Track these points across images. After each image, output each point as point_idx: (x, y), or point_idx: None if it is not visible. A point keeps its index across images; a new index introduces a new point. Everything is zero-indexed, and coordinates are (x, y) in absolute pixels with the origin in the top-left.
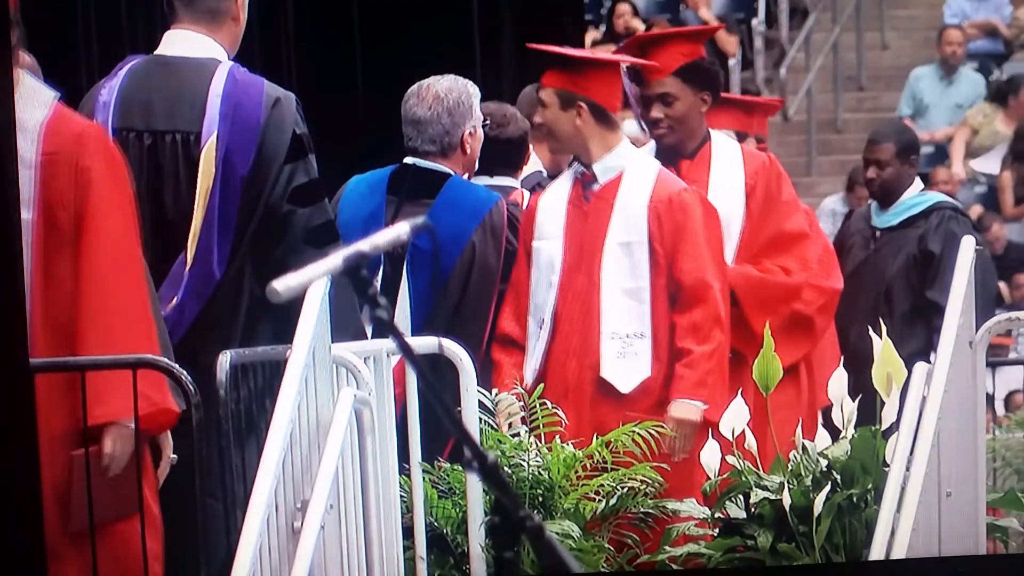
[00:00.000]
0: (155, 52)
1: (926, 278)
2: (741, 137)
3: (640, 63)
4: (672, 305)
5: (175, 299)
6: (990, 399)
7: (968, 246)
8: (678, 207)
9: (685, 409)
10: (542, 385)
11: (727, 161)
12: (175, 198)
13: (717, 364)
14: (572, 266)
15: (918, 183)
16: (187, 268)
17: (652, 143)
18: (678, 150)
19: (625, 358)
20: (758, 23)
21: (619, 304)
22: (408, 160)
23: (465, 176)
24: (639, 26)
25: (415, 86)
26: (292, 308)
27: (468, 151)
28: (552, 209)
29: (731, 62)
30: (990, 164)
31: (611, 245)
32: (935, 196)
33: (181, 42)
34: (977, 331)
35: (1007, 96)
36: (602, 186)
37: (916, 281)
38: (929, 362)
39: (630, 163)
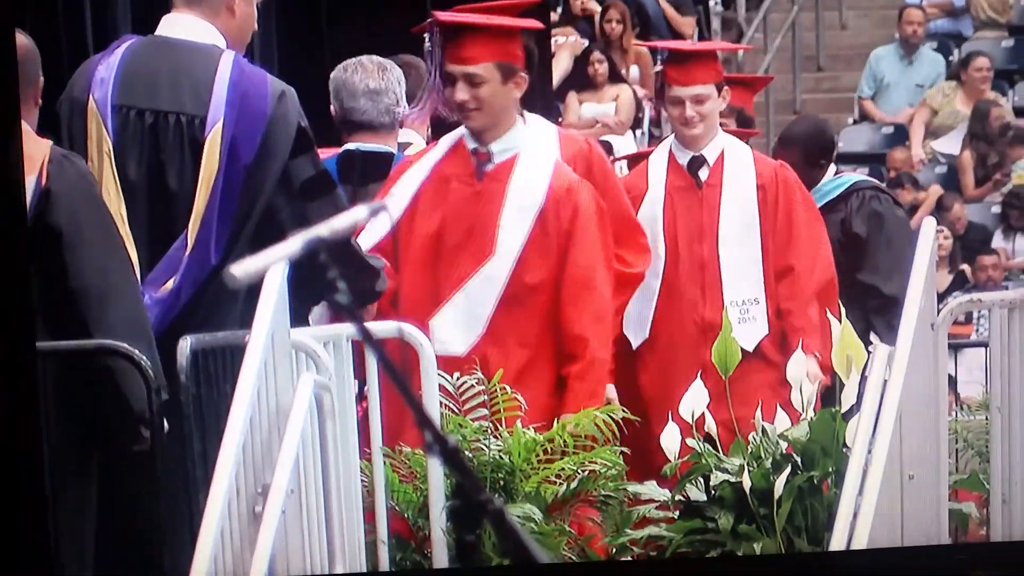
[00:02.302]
0: (153, 34)
1: (855, 261)
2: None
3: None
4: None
5: (172, 282)
6: (952, 381)
7: (929, 226)
8: (576, 196)
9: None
10: (501, 370)
11: (539, 145)
12: (178, 180)
13: (604, 368)
14: (458, 245)
15: (831, 168)
16: (187, 253)
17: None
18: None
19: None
20: (715, 4)
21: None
22: (351, 146)
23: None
24: (596, 8)
25: (348, 63)
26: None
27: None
28: (430, 183)
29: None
30: (950, 144)
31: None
32: (851, 177)
33: (181, 26)
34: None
35: (961, 72)
36: (496, 166)
37: (845, 265)
38: (870, 343)
39: (526, 145)
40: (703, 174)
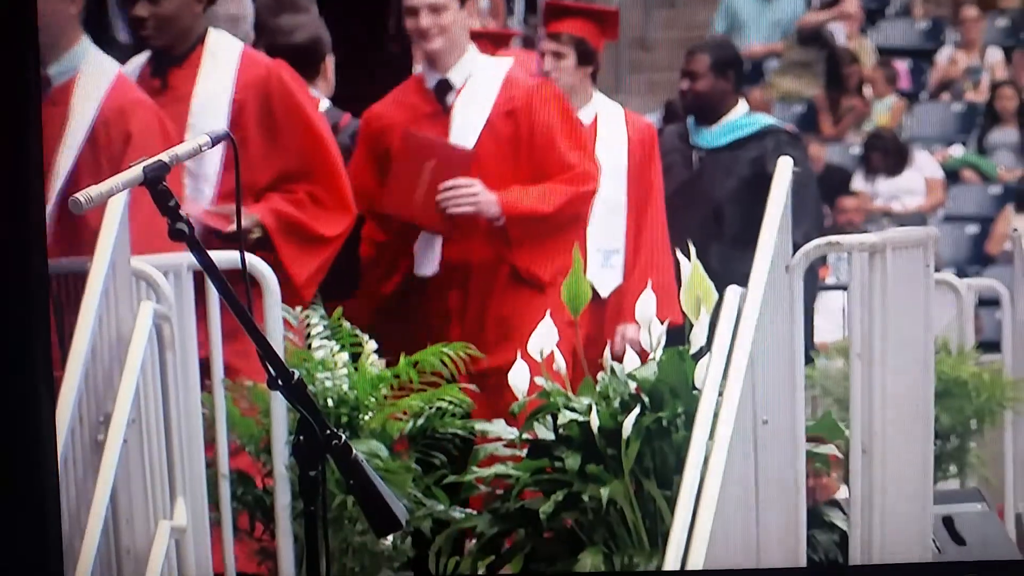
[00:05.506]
0: None
1: (762, 204)
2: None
3: None
4: None
5: None
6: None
7: (785, 166)
8: (128, 121)
9: None
10: (341, 308)
11: (217, 67)
12: None
13: None
14: None
15: (743, 104)
16: None
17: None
18: (167, 53)
19: None
20: None
21: None
22: None
23: None
24: None
25: None
26: None
27: None
28: None
29: None
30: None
31: None
32: (764, 118)
33: None
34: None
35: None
36: (55, 89)
37: (749, 204)
38: None
39: (85, 64)
40: (450, 99)
